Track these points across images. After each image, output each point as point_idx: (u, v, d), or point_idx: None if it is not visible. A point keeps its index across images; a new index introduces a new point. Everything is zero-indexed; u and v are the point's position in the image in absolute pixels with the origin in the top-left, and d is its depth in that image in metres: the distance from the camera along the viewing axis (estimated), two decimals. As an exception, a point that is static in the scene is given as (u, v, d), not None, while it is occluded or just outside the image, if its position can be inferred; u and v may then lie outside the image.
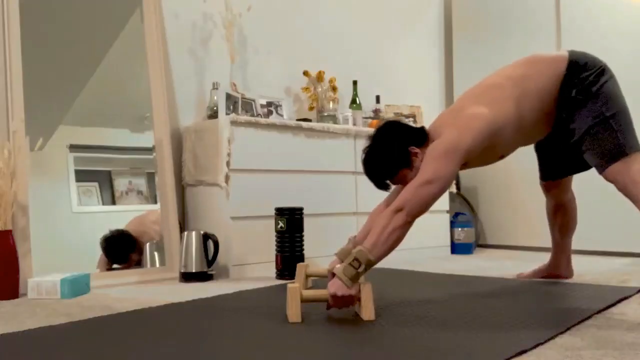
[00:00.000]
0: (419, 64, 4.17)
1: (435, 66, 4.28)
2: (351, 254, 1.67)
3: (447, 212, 3.60)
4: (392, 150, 1.86)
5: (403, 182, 1.87)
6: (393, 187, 1.96)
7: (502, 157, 2.06)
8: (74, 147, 2.66)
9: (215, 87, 2.94)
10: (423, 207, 1.72)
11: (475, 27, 4.09)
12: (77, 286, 2.22)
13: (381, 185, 1.92)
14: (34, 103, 2.45)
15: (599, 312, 1.70)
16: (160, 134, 2.81)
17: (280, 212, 2.63)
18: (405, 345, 1.36)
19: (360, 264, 1.64)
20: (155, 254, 2.80)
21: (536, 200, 2.45)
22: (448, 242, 3.60)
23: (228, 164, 2.67)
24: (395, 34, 4.03)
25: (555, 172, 2.26)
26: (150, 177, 2.87)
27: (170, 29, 2.99)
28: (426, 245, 3.45)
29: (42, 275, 2.24)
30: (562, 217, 2.34)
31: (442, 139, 1.79)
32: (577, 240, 3.41)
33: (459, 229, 3.63)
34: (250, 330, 1.56)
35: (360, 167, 3.14)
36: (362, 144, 3.18)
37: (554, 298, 1.96)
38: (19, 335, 1.55)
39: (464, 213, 3.72)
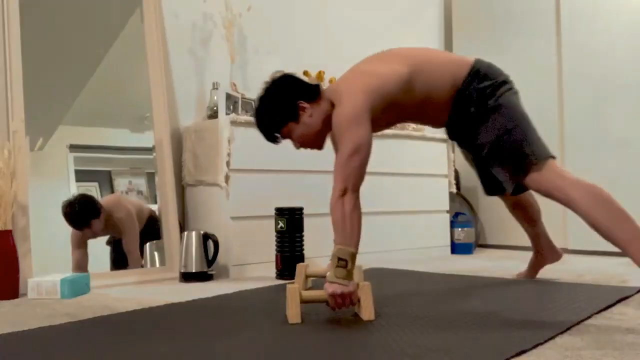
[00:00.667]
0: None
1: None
2: (333, 256, 1.66)
3: (447, 212, 3.60)
4: (280, 102, 1.87)
5: (290, 136, 1.91)
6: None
7: (388, 124, 2.05)
8: (74, 147, 2.66)
9: (215, 87, 2.94)
10: (361, 176, 1.74)
11: (475, 26, 4.09)
12: (77, 286, 2.22)
13: (270, 137, 1.93)
14: (34, 103, 2.45)
15: (599, 312, 1.70)
16: (160, 134, 2.81)
17: (280, 212, 2.63)
18: (405, 345, 1.36)
19: (346, 262, 1.64)
20: (155, 254, 2.80)
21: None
22: (448, 242, 3.60)
23: (228, 164, 2.67)
24: (395, 34, 4.02)
25: (493, 189, 2.16)
26: (150, 177, 2.87)
27: (170, 29, 2.99)
28: (426, 245, 3.45)
29: (42, 275, 2.24)
30: (522, 211, 2.33)
31: (343, 106, 1.80)
32: (577, 240, 3.43)
33: (459, 229, 3.63)
34: (250, 330, 1.56)
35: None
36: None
37: (554, 298, 1.96)
38: (19, 335, 1.55)
39: (464, 213, 3.72)
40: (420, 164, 3.41)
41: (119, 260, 2.71)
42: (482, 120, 1.91)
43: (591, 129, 3.44)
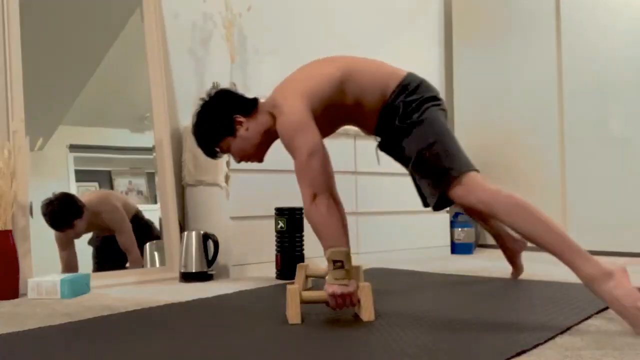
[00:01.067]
0: (419, 64, 4.16)
1: (435, 67, 4.27)
2: (328, 261, 1.65)
3: (447, 212, 3.60)
4: (216, 117, 1.89)
5: (229, 150, 1.92)
6: (225, 156, 2.00)
7: (324, 130, 1.96)
8: (74, 147, 2.66)
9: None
10: (326, 177, 1.74)
11: (475, 27, 4.09)
12: (77, 286, 2.22)
13: (209, 152, 1.95)
14: (34, 103, 2.45)
15: (599, 312, 1.71)
16: (160, 134, 2.81)
17: (280, 212, 2.63)
18: (405, 345, 1.36)
19: (342, 262, 1.64)
20: (155, 253, 2.80)
21: (535, 201, 2.45)
22: (448, 242, 3.60)
23: (228, 164, 2.67)
24: (395, 35, 4.03)
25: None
26: (150, 177, 2.87)
27: (170, 29, 2.99)
28: (426, 245, 3.45)
29: (42, 275, 2.24)
30: (475, 212, 2.34)
31: (284, 115, 1.79)
32: (577, 241, 3.42)
33: (459, 229, 3.63)
34: (250, 330, 1.56)
35: (359, 167, 3.16)
36: (362, 144, 3.21)
37: (554, 298, 1.96)
38: (19, 335, 1.55)
39: (464, 213, 3.72)
40: (420, 164, 3.40)
41: (105, 261, 2.65)
42: (406, 133, 1.89)
43: (591, 129, 3.44)
